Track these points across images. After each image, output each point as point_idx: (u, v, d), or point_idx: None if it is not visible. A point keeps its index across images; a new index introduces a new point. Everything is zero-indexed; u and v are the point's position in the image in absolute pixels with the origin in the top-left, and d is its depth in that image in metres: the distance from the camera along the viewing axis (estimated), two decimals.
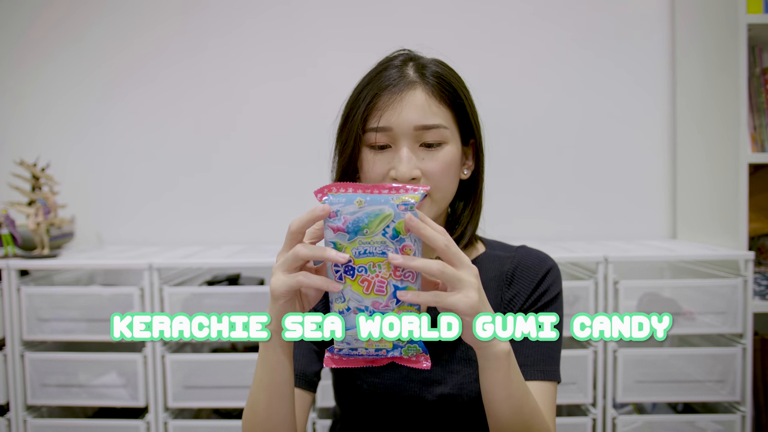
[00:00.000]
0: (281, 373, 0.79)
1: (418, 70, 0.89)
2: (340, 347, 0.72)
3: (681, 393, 1.60)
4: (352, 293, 0.69)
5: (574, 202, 2.02)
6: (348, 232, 0.68)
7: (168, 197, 2.05)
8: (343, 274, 0.69)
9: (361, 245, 0.68)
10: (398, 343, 0.71)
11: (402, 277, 0.69)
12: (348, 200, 0.68)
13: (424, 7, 1.99)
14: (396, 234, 0.68)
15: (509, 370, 0.75)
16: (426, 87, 0.88)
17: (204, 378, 1.62)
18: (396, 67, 0.90)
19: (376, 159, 0.88)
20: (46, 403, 1.64)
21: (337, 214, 0.68)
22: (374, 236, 0.67)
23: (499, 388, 0.76)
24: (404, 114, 0.86)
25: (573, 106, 2.00)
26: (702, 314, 1.61)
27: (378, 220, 0.67)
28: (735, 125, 1.62)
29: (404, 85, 0.87)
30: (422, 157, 0.87)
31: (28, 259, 1.66)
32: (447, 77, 0.90)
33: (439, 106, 0.88)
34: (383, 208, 0.67)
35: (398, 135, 0.86)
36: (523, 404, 0.78)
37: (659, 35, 1.99)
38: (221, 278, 1.79)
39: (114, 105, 2.05)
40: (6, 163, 1.97)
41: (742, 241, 1.61)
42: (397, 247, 0.68)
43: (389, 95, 0.87)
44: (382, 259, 0.68)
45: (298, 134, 2.02)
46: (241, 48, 2.02)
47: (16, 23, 2.04)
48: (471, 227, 0.97)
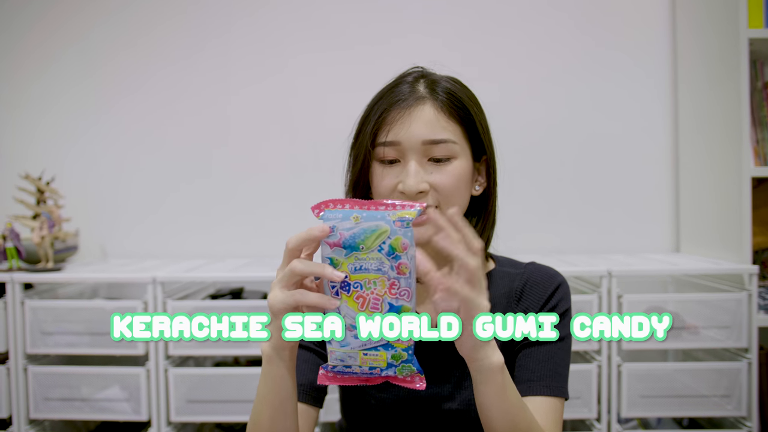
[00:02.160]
0: (284, 388, 0.79)
1: (428, 86, 0.90)
2: (335, 364, 0.72)
3: (686, 408, 1.59)
4: (347, 309, 0.69)
5: (576, 216, 2.02)
6: (344, 248, 0.68)
7: (172, 211, 2.06)
8: (339, 290, 0.69)
9: (357, 261, 0.68)
10: (392, 362, 0.70)
11: (397, 295, 0.68)
12: (345, 216, 0.68)
13: (424, 16, 2.01)
14: (392, 251, 0.67)
15: (503, 384, 0.75)
16: (435, 102, 0.88)
17: (207, 392, 1.61)
18: (408, 83, 0.91)
19: (385, 173, 0.88)
20: (48, 416, 1.63)
21: (334, 230, 0.68)
22: (370, 252, 0.67)
23: (495, 402, 0.76)
24: (412, 129, 0.86)
25: (576, 121, 2.01)
26: (706, 328, 1.60)
27: (374, 236, 0.67)
28: (737, 139, 1.63)
29: (414, 101, 0.88)
30: (430, 171, 0.87)
31: (33, 273, 1.66)
32: (457, 93, 0.90)
33: (448, 121, 0.88)
34: (379, 224, 0.67)
35: (406, 149, 0.87)
36: (519, 419, 0.78)
37: (661, 50, 2.00)
38: (224, 292, 1.79)
39: (117, 119, 2.06)
40: (11, 176, 1.98)
41: (746, 254, 1.61)
42: (393, 264, 0.68)
43: (398, 110, 0.88)
44: (377, 275, 0.68)
45: (301, 146, 2.03)
46: (237, 55, 2.04)
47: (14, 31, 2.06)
48: (483, 243, 0.96)
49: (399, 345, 0.70)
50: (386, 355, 0.70)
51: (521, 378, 0.91)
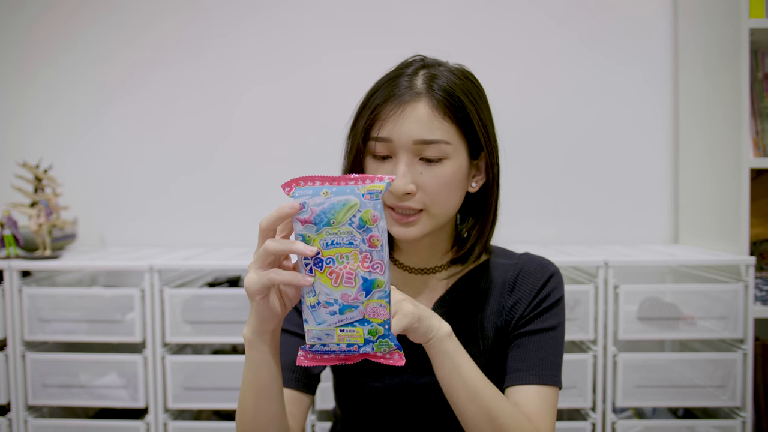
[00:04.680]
0: (267, 372, 0.80)
1: (427, 80, 0.87)
2: (312, 343, 0.72)
3: (681, 398, 1.59)
4: (321, 286, 0.69)
5: (575, 206, 2.01)
6: (315, 224, 0.68)
7: (170, 199, 2.06)
8: (312, 267, 0.69)
9: (328, 236, 0.68)
10: (369, 338, 0.71)
11: (370, 268, 0.69)
12: (314, 192, 0.69)
13: (426, 12, 1.99)
14: (363, 224, 0.68)
15: (455, 352, 0.81)
16: (431, 100, 0.85)
17: (204, 379, 1.62)
18: (407, 76, 0.88)
19: (377, 168, 0.88)
20: (47, 403, 1.65)
21: (305, 206, 0.69)
22: (341, 227, 0.68)
23: (450, 372, 0.81)
24: (405, 127, 0.85)
25: (575, 111, 2.00)
26: (703, 319, 1.60)
27: (344, 211, 0.68)
28: (737, 130, 1.62)
29: (409, 97, 0.86)
30: (420, 171, 0.86)
31: (30, 260, 1.66)
32: (456, 91, 0.87)
33: (443, 120, 0.86)
34: (349, 198, 0.68)
35: (397, 147, 0.86)
36: (481, 391, 0.81)
37: (661, 40, 1.98)
38: (222, 280, 1.79)
39: (116, 106, 2.05)
40: (9, 164, 1.98)
41: (744, 246, 1.60)
42: (364, 237, 0.68)
43: (393, 105, 0.86)
44: (349, 249, 0.68)
45: (298, 136, 2.02)
46: (240, 49, 2.02)
47: (18, 25, 2.05)
48: (479, 246, 0.95)
49: (375, 320, 0.70)
50: (363, 331, 0.70)
51: (512, 368, 0.92)
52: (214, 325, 1.62)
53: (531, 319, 0.95)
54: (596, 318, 1.58)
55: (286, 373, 0.94)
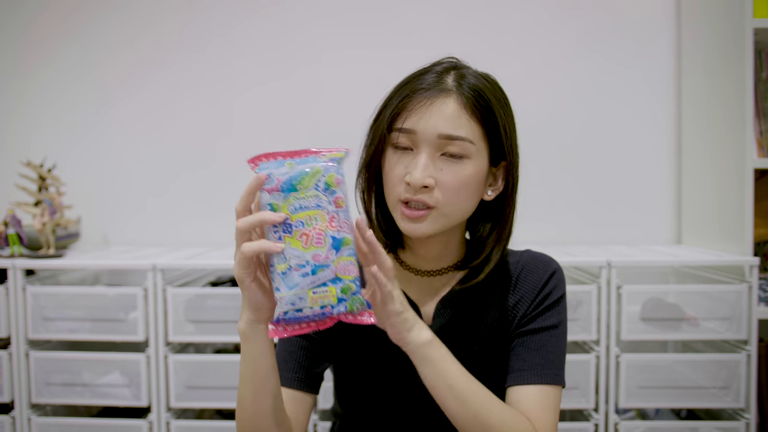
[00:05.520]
0: (263, 365, 0.80)
1: (457, 79, 0.87)
2: (285, 310, 0.73)
3: (684, 399, 1.59)
4: (292, 251, 0.71)
5: (578, 207, 2.01)
6: (282, 191, 0.71)
7: (173, 198, 2.06)
8: (282, 234, 0.71)
9: (296, 201, 0.71)
10: (342, 296, 0.72)
11: (338, 227, 0.72)
12: (279, 164, 0.72)
13: (426, 11, 1.99)
14: (327, 186, 0.72)
15: (438, 359, 0.81)
16: (460, 98, 0.85)
17: (207, 378, 1.62)
18: (436, 73, 0.88)
19: (397, 161, 0.87)
20: (50, 401, 1.65)
21: (270, 177, 0.71)
22: (307, 191, 0.71)
23: (435, 379, 0.81)
24: (431, 120, 0.85)
25: (578, 110, 2.00)
26: (706, 320, 1.60)
27: (309, 176, 0.71)
28: (741, 130, 1.61)
29: (438, 92, 0.86)
30: (440, 168, 0.85)
31: (34, 259, 1.67)
32: (485, 92, 0.87)
33: (470, 119, 0.85)
34: (313, 165, 0.72)
35: (421, 140, 0.85)
36: (469, 396, 0.81)
37: (665, 40, 1.98)
38: (225, 279, 1.80)
39: (120, 109, 2.06)
40: (13, 163, 1.99)
41: (747, 246, 1.60)
42: (330, 198, 0.72)
43: (421, 98, 0.86)
44: (317, 211, 0.71)
45: (298, 136, 2.02)
46: (241, 47, 2.03)
47: (18, 22, 2.05)
48: (497, 253, 0.93)
49: (346, 277, 0.72)
50: (335, 290, 0.72)
51: (514, 367, 0.92)
52: (216, 324, 1.63)
53: (533, 318, 0.94)
54: (599, 318, 1.58)
55: (289, 373, 0.94)
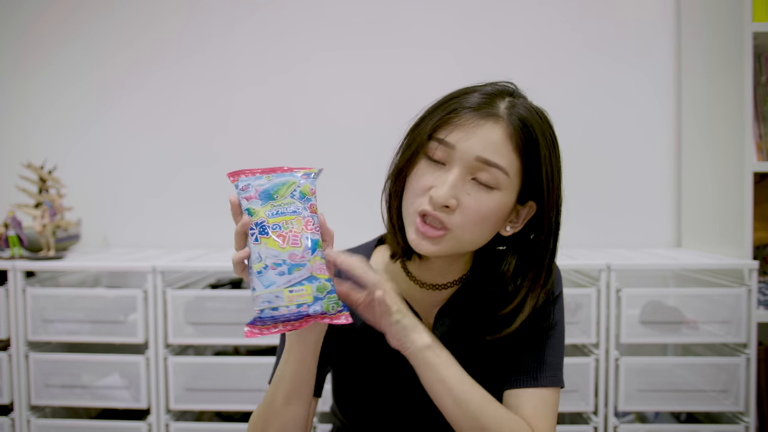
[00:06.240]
0: (303, 371, 0.83)
1: (509, 107, 0.85)
2: (262, 308, 0.74)
3: (684, 402, 1.59)
4: (268, 250, 0.74)
5: (577, 209, 2.01)
6: (260, 199, 0.77)
7: (174, 202, 2.07)
8: (258, 236, 0.75)
9: (273, 207, 0.76)
10: (318, 294, 0.74)
11: (313, 230, 0.76)
12: (258, 178, 0.78)
13: (425, 12, 2.00)
14: (303, 195, 0.77)
15: (438, 364, 0.82)
16: (508, 127, 0.84)
17: (206, 381, 1.62)
18: (490, 95, 0.86)
19: (426, 171, 0.85)
20: (49, 403, 1.65)
21: (249, 187, 0.77)
22: (284, 199, 0.77)
23: (435, 383, 0.82)
24: (473, 140, 0.82)
25: (577, 113, 2.00)
26: (705, 323, 1.60)
27: (285, 187, 0.77)
28: (740, 133, 1.62)
29: (487, 114, 0.84)
30: (468, 191, 0.83)
31: (34, 261, 1.67)
32: (534, 127, 0.86)
33: (512, 151, 0.84)
34: (288, 179, 0.78)
35: (457, 157, 0.83)
36: (468, 400, 0.82)
37: (665, 43, 1.98)
38: (224, 282, 1.80)
39: (119, 110, 2.06)
40: (13, 165, 1.99)
41: (747, 250, 1.60)
42: (305, 205, 0.77)
43: (469, 116, 0.83)
44: (293, 216, 0.76)
45: (299, 135, 2.03)
46: (240, 46, 2.03)
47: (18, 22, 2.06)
48: (531, 302, 0.89)
49: (321, 276, 0.75)
50: (311, 288, 0.74)
51: (511, 370, 0.91)
52: (216, 326, 1.63)
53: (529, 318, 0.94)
54: (598, 321, 1.58)
55: None
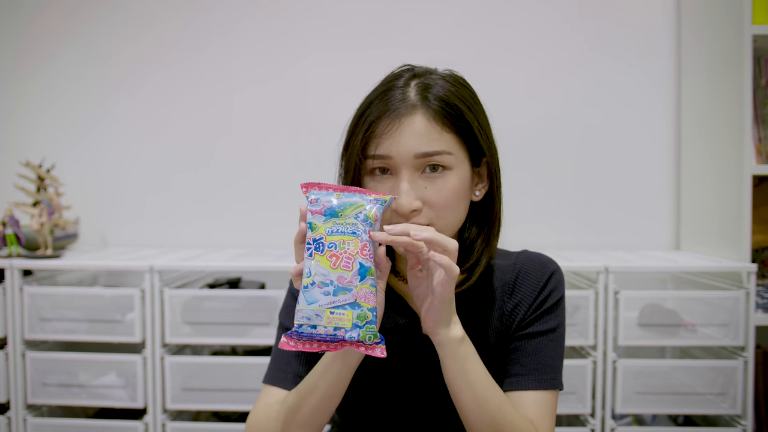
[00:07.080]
0: (338, 385, 0.83)
1: (420, 91, 0.84)
2: (300, 323, 0.74)
3: (681, 405, 1.59)
4: (319, 267, 0.74)
5: (576, 212, 2.01)
6: (325, 215, 0.76)
7: (173, 201, 2.07)
8: (314, 251, 0.75)
9: (334, 225, 0.75)
10: (357, 322, 0.74)
11: (368, 256, 0.75)
12: (329, 193, 0.78)
13: (423, 14, 2.00)
14: (366, 219, 0.76)
15: (465, 357, 0.81)
16: (427, 111, 0.82)
17: (203, 381, 1.62)
18: (399, 88, 0.84)
19: (377, 186, 0.85)
20: (46, 402, 1.65)
21: (317, 201, 0.77)
22: (347, 219, 0.76)
23: (459, 376, 0.81)
24: (403, 141, 0.81)
25: (576, 115, 2.00)
26: (704, 326, 1.59)
27: (352, 208, 0.76)
28: (739, 136, 1.62)
29: (404, 110, 0.82)
30: (424, 186, 0.83)
31: (32, 259, 1.67)
32: (451, 99, 0.84)
33: (441, 131, 0.83)
34: (357, 200, 0.77)
35: (398, 163, 0.82)
36: (488, 398, 0.82)
37: (664, 46, 1.98)
38: (222, 282, 1.79)
39: (118, 109, 2.06)
40: (12, 163, 1.99)
41: (745, 253, 1.60)
42: (366, 228, 0.76)
43: (388, 120, 0.82)
44: (351, 237, 0.75)
45: (298, 135, 2.03)
46: (241, 46, 2.03)
47: (18, 22, 2.06)
48: (486, 256, 0.91)
49: (365, 304, 0.74)
50: (352, 315, 0.74)
51: (512, 372, 0.91)
52: (213, 326, 1.63)
53: (531, 322, 0.93)
54: (596, 324, 1.57)
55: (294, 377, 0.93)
